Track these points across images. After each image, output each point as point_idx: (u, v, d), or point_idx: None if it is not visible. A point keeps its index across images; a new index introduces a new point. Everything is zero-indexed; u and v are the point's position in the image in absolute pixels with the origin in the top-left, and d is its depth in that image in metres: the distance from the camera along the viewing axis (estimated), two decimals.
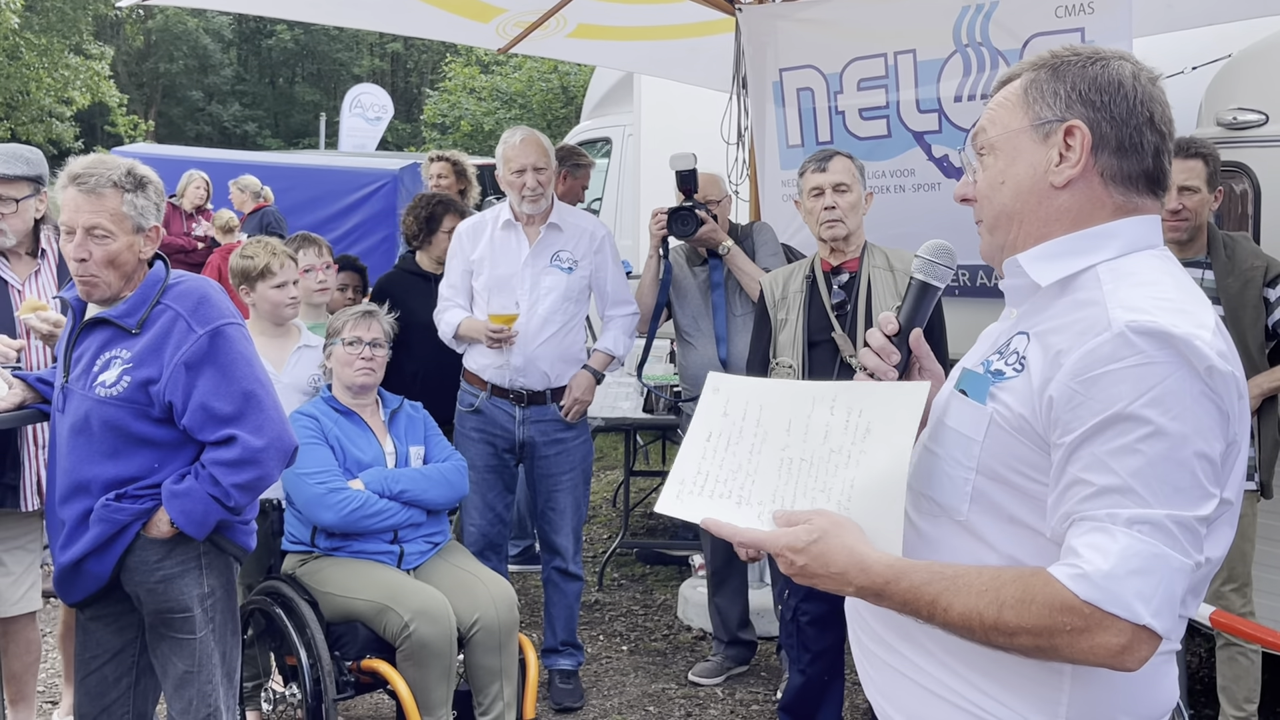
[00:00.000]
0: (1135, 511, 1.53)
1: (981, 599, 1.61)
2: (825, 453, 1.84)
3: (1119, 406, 1.56)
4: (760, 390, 1.98)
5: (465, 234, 5.01)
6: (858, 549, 1.71)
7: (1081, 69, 1.76)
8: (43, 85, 30.25)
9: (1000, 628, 1.59)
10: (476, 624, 3.98)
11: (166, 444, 3.15)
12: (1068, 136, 1.74)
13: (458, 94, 28.48)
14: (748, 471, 1.88)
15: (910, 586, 1.66)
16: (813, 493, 1.83)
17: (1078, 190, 1.75)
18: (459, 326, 4.91)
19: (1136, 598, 1.51)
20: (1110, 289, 1.67)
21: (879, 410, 1.83)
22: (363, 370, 4.22)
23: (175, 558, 3.18)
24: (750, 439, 1.91)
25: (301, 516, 4.12)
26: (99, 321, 3.18)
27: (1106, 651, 1.53)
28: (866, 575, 1.69)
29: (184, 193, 11.07)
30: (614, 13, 7.00)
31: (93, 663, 3.35)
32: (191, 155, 16.06)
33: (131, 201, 3.16)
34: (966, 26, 5.10)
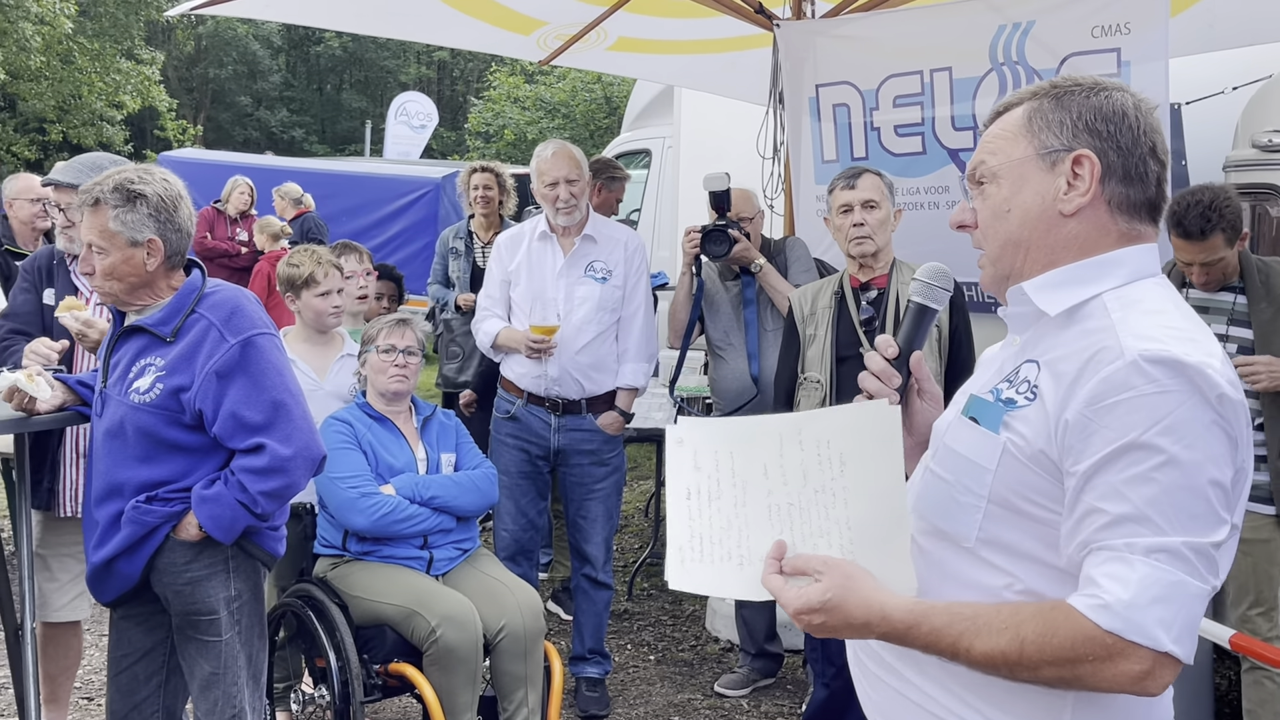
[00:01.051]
0: (1153, 540, 1.56)
1: (1003, 637, 1.63)
2: (810, 494, 1.83)
3: (1133, 435, 1.58)
4: (724, 434, 1.94)
5: (504, 245, 5.09)
6: (874, 599, 1.72)
7: (1085, 98, 1.78)
8: (94, 89, 30.65)
9: (1024, 663, 1.62)
10: (503, 630, 4.03)
11: (197, 450, 3.22)
12: (1076, 165, 1.76)
13: (502, 103, 28.68)
14: (739, 528, 1.86)
15: (932, 630, 1.68)
16: (812, 539, 1.82)
17: (1085, 218, 1.77)
18: (497, 336, 4.98)
19: (1158, 625, 1.54)
20: (1119, 317, 1.69)
21: (846, 439, 1.83)
22: (396, 377, 4.28)
23: (203, 561, 3.25)
24: (731, 491, 1.89)
25: (333, 520, 4.18)
26: (136, 329, 3.25)
27: (1129, 679, 1.56)
28: (888, 623, 1.70)
29: (228, 198, 11.21)
30: (654, 26, 7.05)
31: (124, 661, 3.42)
32: (236, 161, 16.26)
33: (120, 217, 3.20)
34: (1003, 45, 5.12)
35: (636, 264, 5.10)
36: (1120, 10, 4.75)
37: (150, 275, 3.27)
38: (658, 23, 6.99)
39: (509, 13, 6.76)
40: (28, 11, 25.49)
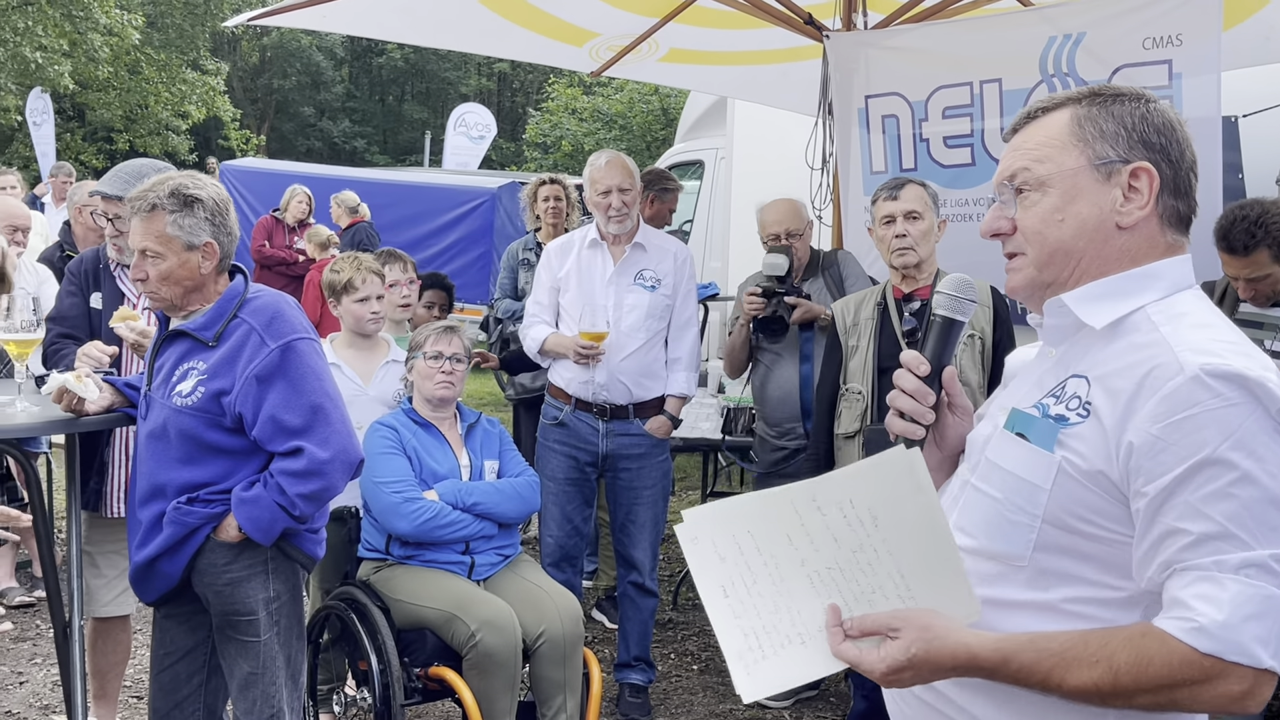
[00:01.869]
0: (1240, 556, 1.55)
1: (1095, 669, 1.61)
2: (848, 556, 1.77)
3: (1205, 451, 1.57)
4: (736, 516, 1.83)
5: (554, 253, 5.13)
6: (959, 644, 1.69)
7: (1135, 108, 1.77)
8: (161, 99, 31.16)
9: (1119, 693, 1.61)
10: (542, 636, 4.05)
11: (238, 452, 3.27)
12: (1133, 178, 1.76)
13: (559, 114, 28.83)
14: (786, 606, 1.79)
15: (1020, 668, 1.66)
16: (866, 597, 1.76)
17: (1139, 231, 1.77)
18: (545, 342, 5.02)
19: (1256, 642, 1.54)
20: (1169, 331, 1.68)
21: (871, 496, 1.76)
22: (443, 384, 4.33)
23: (242, 562, 3.30)
24: (765, 571, 1.80)
25: (377, 524, 4.23)
26: (179, 333, 3.31)
27: (1229, 699, 1.56)
28: (976, 665, 1.68)
29: (287, 207, 11.36)
30: (706, 38, 7.08)
31: (166, 660, 3.49)
32: (296, 170, 16.48)
33: (177, 221, 3.27)
34: (1054, 56, 5.09)
35: (686, 274, 5.12)
36: (1172, 22, 4.71)
37: (203, 279, 3.33)
38: (709, 34, 7.02)
39: (562, 24, 6.82)
40: (96, 23, 25.97)
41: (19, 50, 24.27)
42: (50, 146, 21.71)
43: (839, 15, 6.05)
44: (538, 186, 6.88)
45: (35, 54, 24.29)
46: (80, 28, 25.90)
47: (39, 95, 21.76)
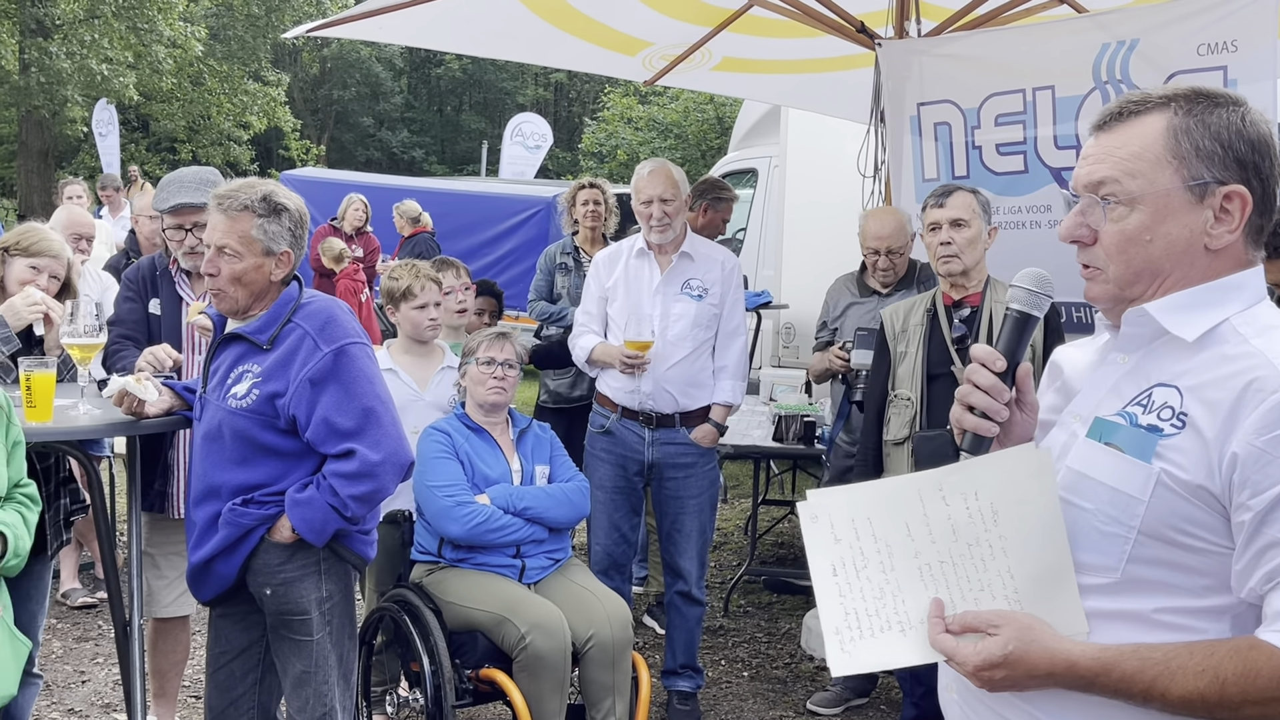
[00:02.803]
0: None
1: (1201, 680, 1.61)
2: (963, 549, 1.78)
3: None
4: (859, 500, 1.86)
5: (602, 263, 5.17)
6: (1057, 648, 1.69)
7: (1228, 118, 1.73)
8: (223, 110, 31.64)
9: (1225, 704, 1.60)
10: (591, 640, 4.09)
11: (291, 454, 3.34)
12: (1226, 201, 1.72)
13: (615, 124, 28.94)
14: (892, 594, 1.81)
15: (1122, 677, 1.65)
16: (974, 593, 1.77)
17: (1227, 252, 1.76)
18: (592, 351, 5.06)
19: None
20: (1262, 343, 1.67)
21: (996, 488, 1.77)
22: (495, 389, 4.38)
23: (296, 562, 3.37)
24: (877, 557, 1.82)
25: (430, 528, 4.29)
26: (235, 337, 3.39)
27: None
28: (1074, 672, 1.67)
29: (344, 215, 11.51)
30: (758, 47, 7.11)
31: (221, 658, 3.56)
32: (354, 179, 16.69)
33: (263, 226, 3.35)
34: (1107, 63, 5.07)
35: (734, 283, 5.13)
36: (1228, 28, 4.68)
37: (270, 285, 3.40)
38: (762, 43, 7.05)
39: (615, 34, 6.87)
40: (160, 35, 26.41)
41: (85, 63, 24.74)
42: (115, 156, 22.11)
43: (891, 23, 6.05)
44: (576, 191, 6.93)
45: (101, 66, 24.74)
46: (145, 40, 26.36)
47: (104, 106, 22.18)
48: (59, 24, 25.82)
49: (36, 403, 3.36)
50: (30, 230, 4.03)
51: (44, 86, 25.28)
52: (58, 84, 25.02)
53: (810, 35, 6.54)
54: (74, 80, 25.00)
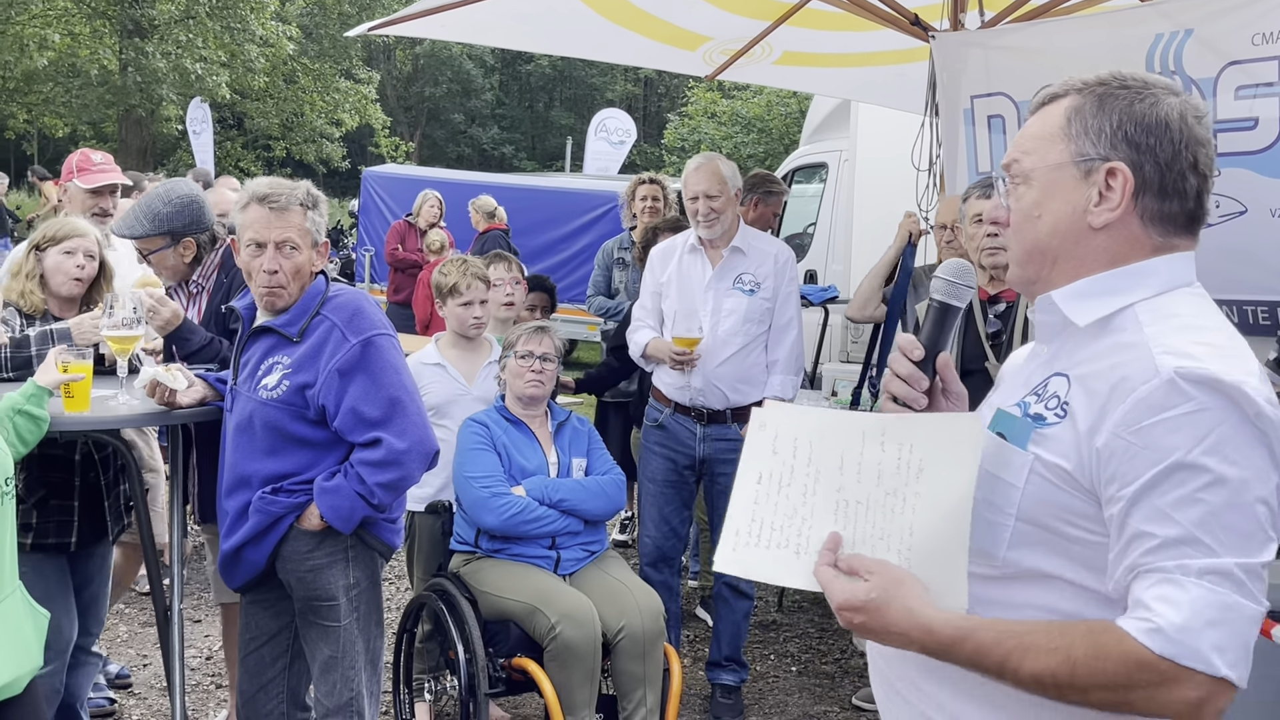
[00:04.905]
0: (1205, 562, 1.52)
1: (1053, 658, 1.58)
2: (881, 495, 1.78)
3: (1176, 456, 1.55)
4: (808, 423, 1.88)
5: (656, 258, 5.20)
6: (918, 610, 1.67)
7: (1129, 104, 1.71)
8: (316, 108, 32.19)
9: (1074, 686, 1.58)
10: (622, 631, 4.12)
11: (320, 444, 3.42)
12: (1109, 177, 1.71)
13: (698, 118, 28.93)
14: (803, 516, 1.82)
15: (977, 648, 1.63)
16: (872, 540, 1.77)
17: (1115, 232, 1.73)
18: (647, 346, 5.09)
19: (1213, 650, 1.50)
20: (1152, 332, 1.65)
21: (929, 447, 1.77)
22: (533, 382, 4.43)
23: (324, 549, 3.45)
24: (803, 479, 1.84)
25: (467, 518, 4.35)
26: (265, 329, 3.47)
27: (1184, 705, 1.52)
28: (931, 637, 1.66)
29: (419, 211, 11.65)
30: (819, 40, 7.08)
31: (252, 644, 3.66)
32: (432, 175, 16.92)
33: (312, 219, 3.46)
34: (1160, 54, 4.97)
35: (787, 276, 5.12)
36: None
37: (311, 275, 3.50)
38: (822, 36, 7.02)
39: (674, 29, 6.89)
40: (253, 35, 26.95)
41: (180, 62, 25.33)
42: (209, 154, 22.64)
43: (946, 16, 6.00)
44: (636, 185, 6.96)
45: (195, 65, 25.32)
46: (238, 39, 26.92)
47: (198, 105, 22.72)
48: (156, 24, 26.48)
49: (74, 393, 3.46)
50: (51, 222, 4.16)
51: (140, 86, 25.96)
52: (154, 83, 25.66)
53: (870, 28, 6.50)
54: (169, 80, 25.62)
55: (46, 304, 4.07)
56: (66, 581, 4.03)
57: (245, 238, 3.42)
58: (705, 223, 4.97)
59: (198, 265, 4.32)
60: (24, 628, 2.99)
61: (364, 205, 17.06)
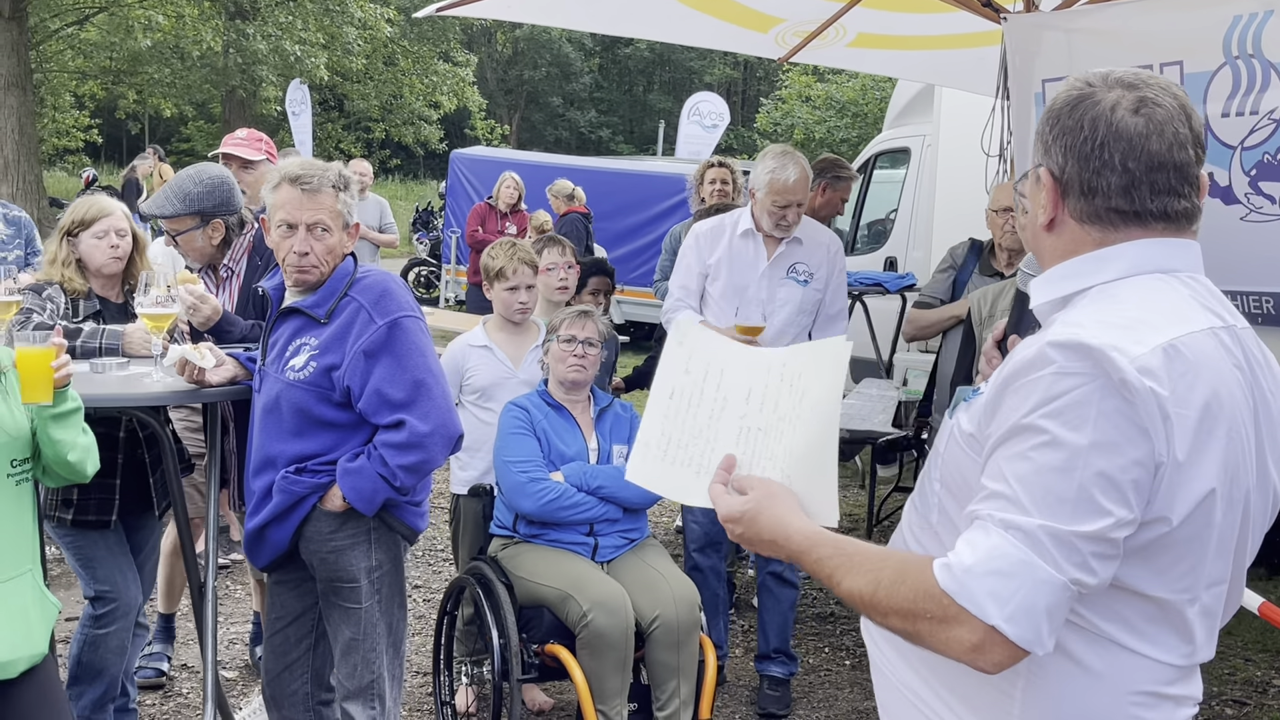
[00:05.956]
0: (1010, 516, 1.56)
1: (865, 577, 1.67)
2: (773, 421, 1.93)
3: (1019, 415, 1.59)
4: (723, 353, 2.03)
5: (704, 237, 5.06)
6: (784, 519, 1.80)
7: (1068, 110, 1.75)
8: (414, 90, 32.48)
9: (875, 606, 1.65)
10: (656, 620, 4.07)
11: (345, 426, 3.41)
12: (1042, 182, 1.79)
13: (792, 102, 28.65)
14: (707, 438, 1.96)
15: (817, 559, 1.74)
16: (763, 461, 1.92)
17: (1059, 231, 1.78)
18: None
19: (989, 597, 1.53)
20: (1079, 311, 1.68)
21: (810, 373, 1.93)
22: (574, 367, 4.38)
23: (346, 531, 3.44)
24: (710, 404, 1.98)
25: (506, 502, 4.33)
26: (292, 311, 3.46)
27: (961, 647, 1.56)
28: (790, 544, 1.78)
29: (498, 194, 11.69)
30: (894, 22, 6.94)
31: (277, 623, 3.67)
32: (517, 158, 16.98)
33: (344, 200, 3.44)
34: (1238, 37, 4.77)
35: (838, 266, 5.06)
36: None
37: (341, 256, 3.49)
38: (897, 18, 6.88)
39: (746, 10, 6.80)
40: (352, 17, 27.26)
41: (280, 44, 25.71)
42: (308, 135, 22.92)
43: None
44: (705, 169, 6.88)
45: (295, 47, 25.68)
46: (337, 22, 27.25)
47: (298, 86, 23.00)
48: (258, 7, 26.91)
49: (25, 381, 2.98)
50: (79, 205, 4.19)
51: (241, 67, 26.41)
52: (254, 64, 26.10)
53: (945, 10, 6.35)
54: (269, 62, 26.03)
55: (88, 286, 4.12)
56: (125, 546, 4.11)
57: (276, 218, 3.41)
58: (787, 227, 4.89)
59: (226, 249, 4.35)
60: (29, 611, 3.01)
61: (451, 187, 17.17)
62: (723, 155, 7.76)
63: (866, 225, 10.75)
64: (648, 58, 48.17)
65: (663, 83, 50.20)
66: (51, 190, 22.76)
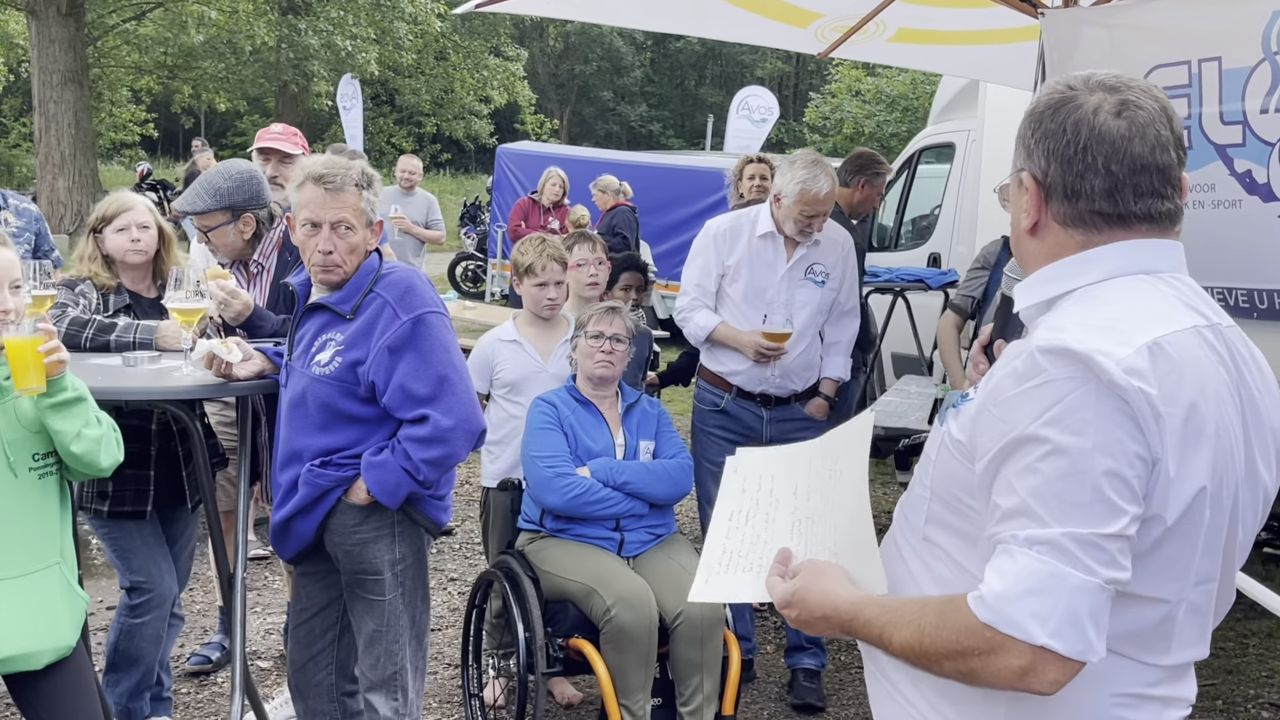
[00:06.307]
0: (1032, 532, 1.55)
1: (910, 629, 1.65)
2: (820, 506, 1.95)
3: (1020, 428, 1.59)
4: (771, 459, 2.10)
5: (722, 236, 5.06)
6: (830, 591, 1.78)
7: (1050, 114, 1.76)
8: (465, 84, 32.65)
9: (927, 654, 1.64)
10: (680, 616, 4.08)
11: (370, 420, 3.44)
12: (1025, 186, 1.79)
13: (842, 96, 28.50)
14: (765, 540, 1.98)
15: (865, 622, 1.73)
16: (815, 547, 1.92)
17: (1043, 235, 1.79)
18: (714, 330, 5.00)
19: (1031, 618, 1.52)
20: (1062, 314, 1.68)
21: (842, 452, 1.99)
22: (602, 363, 4.40)
23: (370, 524, 3.48)
24: (765, 509, 2.02)
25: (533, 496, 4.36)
26: (319, 307, 3.51)
27: (1013, 674, 1.55)
28: (839, 615, 1.76)
29: (543, 189, 11.73)
30: (934, 17, 6.89)
31: (303, 615, 3.72)
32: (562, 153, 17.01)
33: (367, 198, 3.47)
34: (1277, 32, 4.71)
35: (851, 264, 5.11)
36: None
37: (365, 256, 3.52)
38: (937, 13, 6.83)
39: (785, 6, 6.78)
40: (403, 12, 27.44)
41: (331, 39, 25.92)
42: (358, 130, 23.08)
43: None
44: (744, 165, 6.88)
45: (346, 43, 25.88)
46: (388, 17, 27.43)
47: (349, 81, 23.18)
48: (308, 2, 27.14)
49: (16, 371, 2.95)
50: (104, 202, 4.25)
51: (293, 62, 26.64)
52: (305, 59, 26.32)
53: (984, 5, 6.28)
54: (321, 57, 26.24)
55: (117, 280, 4.19)
56: (161, 537, 4.19)
57: (301, 217, 3.45)
58: (810, 233, 4.89)
59: (256, 244, 4.40)
60: (56, 604, 3.07)
61: (497, 181, 17.25)
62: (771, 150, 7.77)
63: (911, 221, 10.69)
64: (699, 51, 48.09)
65: (714, 76, 50.10)
66: (107, 183, 23.05)
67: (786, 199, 4.87)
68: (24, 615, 3.02)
